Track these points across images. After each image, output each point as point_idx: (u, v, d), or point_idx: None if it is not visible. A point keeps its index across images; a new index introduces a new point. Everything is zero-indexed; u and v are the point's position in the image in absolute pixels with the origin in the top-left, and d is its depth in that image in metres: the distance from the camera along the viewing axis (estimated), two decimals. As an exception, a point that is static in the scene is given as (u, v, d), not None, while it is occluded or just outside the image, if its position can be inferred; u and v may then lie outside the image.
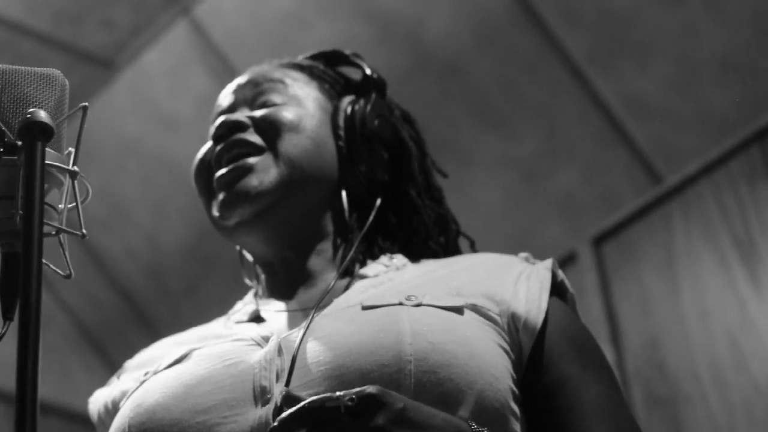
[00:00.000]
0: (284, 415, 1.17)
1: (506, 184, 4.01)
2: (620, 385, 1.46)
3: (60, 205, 1.19)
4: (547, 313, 1.43)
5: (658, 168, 3.83)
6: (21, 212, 1.09)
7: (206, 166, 1.59)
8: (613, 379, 1.44)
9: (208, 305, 1.71)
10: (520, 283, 1.46)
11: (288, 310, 1.51)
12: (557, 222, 4.02)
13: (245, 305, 1.57)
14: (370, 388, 1.17)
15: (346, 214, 1.58)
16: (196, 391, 1.33)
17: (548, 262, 1.52)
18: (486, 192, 4.02)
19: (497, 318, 1.40)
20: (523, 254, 1.56)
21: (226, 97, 1.65)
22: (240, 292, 1.63)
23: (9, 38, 4.13)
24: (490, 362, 1.33)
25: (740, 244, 3.52)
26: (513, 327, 1.41)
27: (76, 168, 1.18)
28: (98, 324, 4.90)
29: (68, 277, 1.20)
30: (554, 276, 1.52)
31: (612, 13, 3.72)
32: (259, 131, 1.57)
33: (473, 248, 1.67)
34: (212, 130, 1.61)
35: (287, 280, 1.56)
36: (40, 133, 1.10)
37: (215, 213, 1.55)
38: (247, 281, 1.66)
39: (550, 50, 3.82)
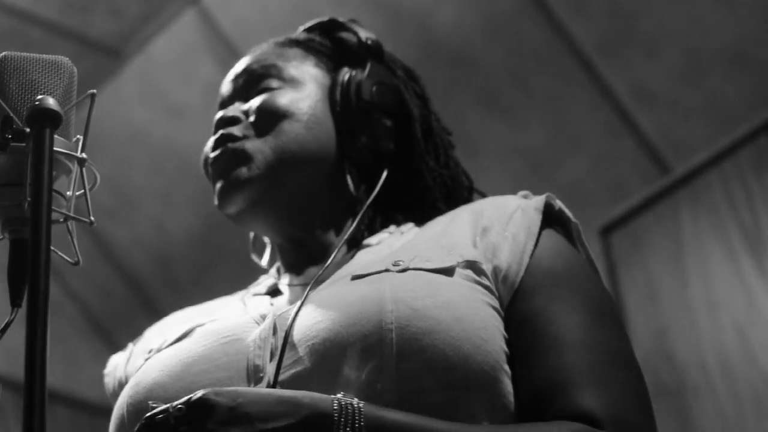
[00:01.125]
0: None
1: (514, 173, 4.01)
2: (613, 316, 1.39)
3: (68, 192, 1.19)
4: (529, 263, 1.39)
5: (666, 158, 3.83)
6: (29, 199, 1.09)
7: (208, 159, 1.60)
8: (592, 308, 1.37)
9: (215, 294, 1.71)
10: (509, 229, 1.42)
11: (295, 284, 1.52)
12: (565, 212, 4.01)
13: (267, 278, 1.59)
14: (198, 393, 1.17)
15: (351, 188, 1.57)
16: (192, 369, 1.33)
17: (540, 201, 1.47)
18: (494, 181, 4.01)
19: (487, 273, 1.37)
20: (523, 192, 1.52)
21: (225, 87, 1.65)
22: (248, 280, 1.64)
23: (17, 27, 4.13)
24: (477, 324, 1.29)
25: (748, 234, 3.51)
26: (496, 279, 1.37)
27: (84, 155, 1.18)
28: (106, 312, 4.91)
29: (76, 264, 1.20)
30: (551, 207, 1.47)
31: (621, 4, 3.71)
32: (253, 122, 1.56)
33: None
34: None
35: (299, 257, 1.56)
36: (48, 120, 1.10)
37: (215, 202, 1.56)
38: (255, 258, 1.66)
39: (559, 40, 3.82)
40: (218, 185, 1.54)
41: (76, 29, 4.20)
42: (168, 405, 1.17)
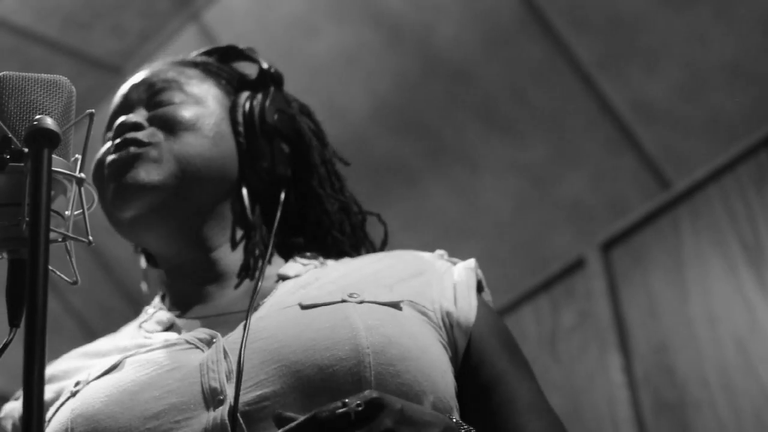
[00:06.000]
0: (290, 426, 1.16)
1: (515, 189, 4.01)
2: None
3: (66, 212, 1.19)
4: (477, 312, 1.46)
5: (667, 173, 3.83)
6: (27, 219, 1.09)
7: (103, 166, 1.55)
8: (534, 375, 1.48)
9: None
10: (446, 281, 1.48)
11: (207, 316, 1.48)
12: (566, 228, 4.02)
13: (156, 311, 1.55)
14: (370, 393, 1.18)
15: (248, 211, 1.56)
16: (141, 396, 1.31)
17: (471, 263, 1.54)
18: (495, 198, 4.02)
19: (431, 314, 1.42)
20: (440, 251, 1.57)
21: (121, 98, 1.63)
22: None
23: (18, 44, 4.14)
24: (438, 356, 1.36)
25: (749, 250, 3.51)
26: (448, 324, 1.43)
27: (82, 175, 1.18)
28: (106, 330, 4.87)
29: (75, 283, 1.20)
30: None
31: (621, 19, 3.71)
32: (157, 132, 1.53)
33: (385, 240, 1.67)
34: (110, 132, 1.58)
35: (197, 282, 1.54)
36: (46, 140, 1.10)
37: (108, 206, 1.52)
38: (143, 287, 1.66)
39: (559, 56, 3.82)
40: (112, 186, 1.51)
41: (76, 47, 4.21)
42: (344, 401, 1.17)
